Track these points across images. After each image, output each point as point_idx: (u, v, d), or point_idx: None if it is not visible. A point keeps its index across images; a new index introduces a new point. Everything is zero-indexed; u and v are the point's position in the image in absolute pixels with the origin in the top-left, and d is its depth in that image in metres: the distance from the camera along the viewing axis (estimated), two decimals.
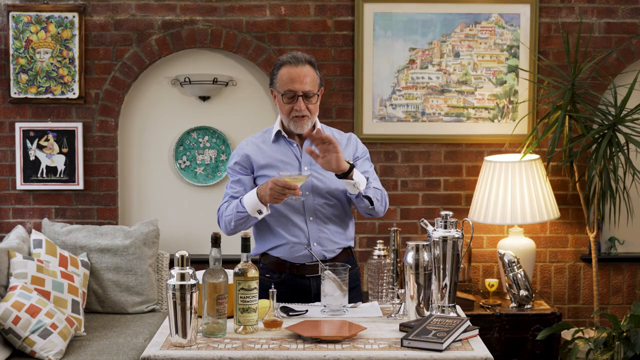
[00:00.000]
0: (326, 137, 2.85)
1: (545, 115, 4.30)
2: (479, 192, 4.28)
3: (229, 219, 3.03)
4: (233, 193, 3.08)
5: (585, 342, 3.91)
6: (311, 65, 3.02)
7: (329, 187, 3.06)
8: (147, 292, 4.15)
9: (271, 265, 3.10)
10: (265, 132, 3.16)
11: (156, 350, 2.42)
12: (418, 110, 4.48)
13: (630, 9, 4.44)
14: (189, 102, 4.53)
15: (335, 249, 3.09)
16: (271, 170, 3.04)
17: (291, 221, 3.04)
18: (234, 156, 3.14)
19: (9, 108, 4.41)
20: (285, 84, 2.99)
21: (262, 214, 2.97)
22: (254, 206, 2.95)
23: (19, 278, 3.64)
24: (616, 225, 4.47)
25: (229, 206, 3.04)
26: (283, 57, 3.03)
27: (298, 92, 2.97)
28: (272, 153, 3.08)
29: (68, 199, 4.45)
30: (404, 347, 2.43)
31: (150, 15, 4.41)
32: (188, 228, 4.56)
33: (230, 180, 3.13)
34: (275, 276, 3.09)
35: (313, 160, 3.00)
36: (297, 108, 2.98)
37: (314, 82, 3.01)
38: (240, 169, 3.10)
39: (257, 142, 3.13)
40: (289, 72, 2.99)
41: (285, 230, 3.05)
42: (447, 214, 2.73)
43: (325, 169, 2.91)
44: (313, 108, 3.02)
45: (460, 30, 4.45)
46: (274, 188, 2.85)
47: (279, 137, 3.09)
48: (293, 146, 3.08)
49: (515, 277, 4.04)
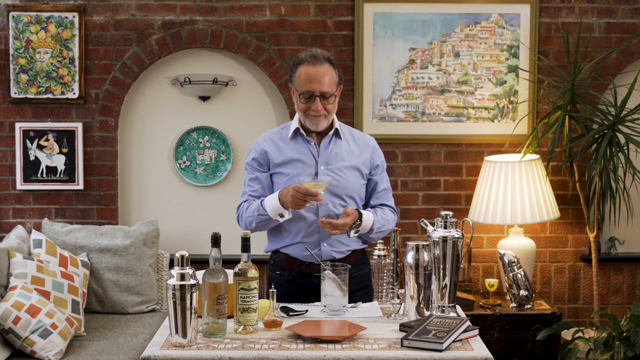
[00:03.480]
0: (337, 225, 2.92)
1: (545, 115, 4.30)
2: (479, 192, 4.28)
3: (249, 220, 3.04)
4: (251, 192, 3.09)
5: (585, 342, 3.91)
6: (330, 63, 3.00)
7: (345, 187, 3.05)
8: (147, 292, 4.15)
9: (282, 263, 3.11)
10: (283, 129, 3.14)
11: (156, 350, 2.42)
12: (418, 110, 4.48)
13: (630, 9, 4.44)
14: (189, 102, 4.53)
15: (345, 251, 3.08)
16: (287, 168, 3.04)
17: (304, 220, 3.04)
18: (251, 152, 3.13)
19: (9, 108, 4.41)
20: (303, 83, 2.98)
21: (283, 218, 2.98)
22: (275, 210, 2.96)
23: (19, 278, 3.64)
24: (616, 225, 4.47)
25: (249, 207, 3.05)
26: (302, 55, 3.02)
27: (315, 92, 2.97)
28: (289, 151, 3.07)
29: (68, 199, 4.45)
30: (404, 347, 2.44)
31: (150, 15, 4.41)
32: (188, 228, 4.56)
33: (247, 178, 3.12)
34: (285, 273, 3.10)
35: (330, 159, 3.03)
36: (314, 108, 2.98)
37: (332, 81, 2.99)
38: (258, 166, 3.09)
39: (275, 138, 3.12)
40: (307, 71, 2.98)
41: (297, 229, 3.05)
42: (447, 214, 2.74)
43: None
44: (331, 107, 3.01)
45: (460, 30, 4.45)
46: (295, 195, 2.86)
47: (297, 134, 3.08)
48: (311, 145, 3.07)
49: (515, 277, 4.04)
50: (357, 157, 3.11)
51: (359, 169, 3.10)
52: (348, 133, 3.15)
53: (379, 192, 3.17)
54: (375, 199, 3.17)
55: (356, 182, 3.08)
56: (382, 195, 3.18)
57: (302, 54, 3.03)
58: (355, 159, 3.10)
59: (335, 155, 3.07)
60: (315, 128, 3.03)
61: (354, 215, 2.96)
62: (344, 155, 3.08)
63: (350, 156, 3.09)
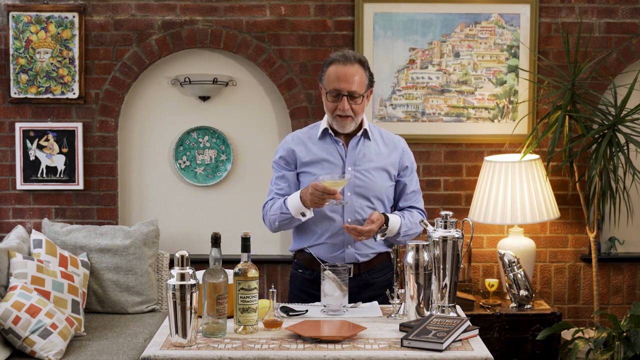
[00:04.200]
0: (362, 232, 2.91)
1: (545, 115, 4.30)
2: (479, 192, 4.28)
3: (273, 219, 3.03)
4: (277, 190, 3.08)
5: (585, 342, 3.91)
6: (361, 64, 2.99)
7: (372, 188, 3.04)
8: (147, 292, 4.15)
9: (305, 262, 3.11)
10: (312, 128, 3.14)
11: (156, 350, 2.42)
12: (418, 110, 4.48)
13: (630, 9, 4.44)
14: (189, 102, 4.53)
15: (369, 254, 3.07)
16: (314, 167, 3.03)
17: (330, 221, 3.02)
18: (279, 150, 3.13)
19: (9, 108, 4.41)
20: (331, 82, 2.97)
21: (305, 217, 2.97)
22: (297, 209, 2.96)
23: (19, 278, 3.64)
24: (616, 225, 4.47)
25: (273, 205, 3.04)
26: (333, 55, 3.01)
27: (343, 91, 2.95)
28: (317, 151, 3.06)
29: (68, 199, 4.45)
30: (404, 347, 2.43)
31: (150, 15, 4.41)
32: (188, 228, 4.56)
33: (274, 176, 3.12)
34: (307, 273, 3.10)
35: (357, 160, 3.02)
36: (340, 107, 2.96)
37: (361, 82, 2.98)
38: (285, 164, 3.09)
39: (303, 137, 3.11)
40: (337, 70, 2.97)
41: (322, 230, 3.04)
42: (447, 214, 2.73)
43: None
44: (358, 109, 2.99)
45: (460, 30, 4.45)
46: (313, 193, 2.85)
47: (326, 134, 3.07)
48: (339, 145, 3.05)
49: (515, 277, 4.04)
50: (385, 158, 3.08)
51: (387, 170, 3.08)
52: (378, 134, 3.13)
53: (408, 194, 3.14)
54: (404, 200, 3.14)
55: (384, 183, 3.06)
56: (411, 197, 3.15)
57: (333, 53, 3.03)
58: (383, 160, 3.08)
59: (363, 156, 3.05)
60: (342, 130, 3.02)
61: (380, 221, 2.94)
62: (372, 156, 3.06)
63: (379, 157, 3.07)
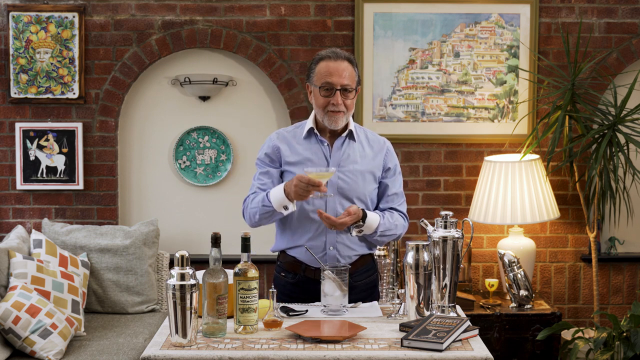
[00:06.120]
0: (334, 223, 2.88)
1: (545, 115, 4.31)
2: (479, 192, 4.28)
3: (253, 212, 2.99)
4: (260, 185, 3.05)
5: (585, 342, 3.91)
6: (350, 62, 2.99)
7: (355, 190, 3.02)
8: (147, 292, 4.15)
9: (287, 265, 3.08)
10: (297, 127, 3.12)
11: (156, 350, 2.42)
12: (418, 110, 4.48)
13: (630, 9, 4.44)
14: (189, 102, 4.53)
15: (352, 256, 3.04)
16: (298, 167, 3.00)
17: (312, 222, 3.00)
18: (263, 147, 3.11)
19: (9, 108, 4.41)
20: (323, 76, 2.96)
21: (287, 210, 2.93)
22: (280, 201, 2.92)
23: (19, 278, 3.65)
24: (616, 225, 4.47)
25: (255, 198, 3.01)
26: (322, 52, 3.01)
27: (336, 85, 2.94)
28: (302, 150, 3.04)
29: (68, 199, 4.45)
30: (404, 347, 2.43)
31: (150, 15, 4.41)
32: (188, 228, 4.56)
33: (258, 172, 3.09)
34: (290, 276, 3.07)
35: (342, 161, 3.01)
36: (334, 102, 2.95)
37: (352, 77, 2.98)
38: (270, 162, 3.07)
39: (288, 136, 3.09)
40: (328, 65, 2.96)
41: (305, 231, 3.01)
42: (447, 214, 2.73)
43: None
44: (350, 104, 2.99)
45: (460, 30, 4.45)
46: (298, 185, 2.82)
47: (311, 134, 3.06)
48: (324, 145, 3.04)
49: (515, 277, 4.04)
50: (370, 161, 3.07)
51: (372, 172, 3.06)
52: (363, 135, 3.12)
53: (389, 196, 3.11)
54: (384, 202, 3.11)
55: (367, 185, 3.04)
56: (393, 199, 3.11)
57: (322, 51, 3.02)
58: (368, 162, 3.06)
59: (348, 157, 3.04)
60: (333, 126, 2.99)
61: (356, 216, 2.91)
62: (357, 158, 3.05)
63: (363, 159, 3.06)
